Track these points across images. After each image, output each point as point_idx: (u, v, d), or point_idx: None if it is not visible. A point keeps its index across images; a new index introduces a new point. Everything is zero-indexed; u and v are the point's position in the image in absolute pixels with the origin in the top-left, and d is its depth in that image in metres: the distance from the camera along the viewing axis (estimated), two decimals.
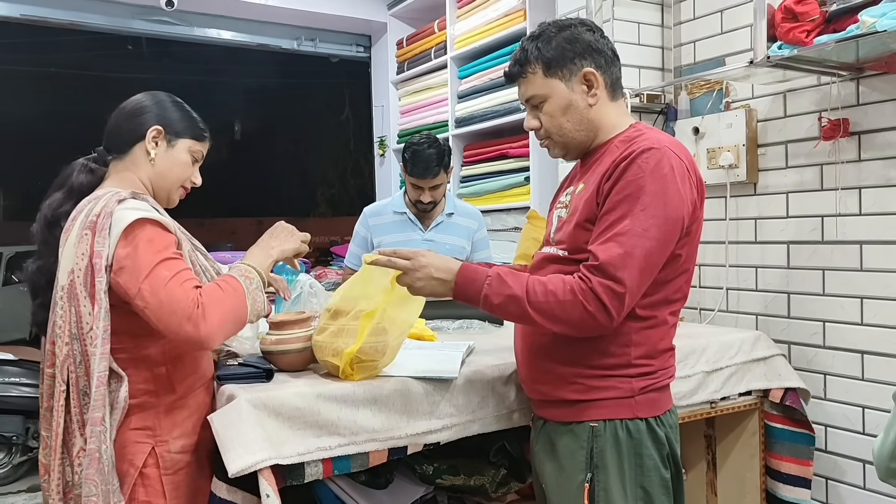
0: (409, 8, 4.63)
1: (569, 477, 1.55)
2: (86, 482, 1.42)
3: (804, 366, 2.42)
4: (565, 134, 1.60)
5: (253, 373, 1.67)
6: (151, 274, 1.43)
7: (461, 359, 1.80)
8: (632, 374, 1.53)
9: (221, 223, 16.31)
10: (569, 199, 1.64)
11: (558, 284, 1.46)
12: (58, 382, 1.50)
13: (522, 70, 1.60)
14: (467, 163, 4.08)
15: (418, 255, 1.55)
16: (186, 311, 1.41)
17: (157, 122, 1.64)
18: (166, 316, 1.42)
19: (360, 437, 1.58)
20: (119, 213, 1.48)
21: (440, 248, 2.80)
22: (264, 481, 1.43)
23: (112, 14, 4.32)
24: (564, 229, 1.60)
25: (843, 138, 2.27)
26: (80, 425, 1.48)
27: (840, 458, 2.36)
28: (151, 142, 1.63)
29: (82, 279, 1.47)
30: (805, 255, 2.42)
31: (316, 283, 1.95)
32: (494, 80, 3.78)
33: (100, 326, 1.45)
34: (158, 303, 1.42)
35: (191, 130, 1.69)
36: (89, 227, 1.48)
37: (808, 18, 2.04)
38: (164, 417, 1.57)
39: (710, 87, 2.70)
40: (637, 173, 1.45)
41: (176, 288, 1.43)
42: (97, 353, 1.45)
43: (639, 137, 1.53)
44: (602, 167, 1.53)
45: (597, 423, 1.53)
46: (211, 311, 1.44)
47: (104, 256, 1.45)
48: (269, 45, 4.89)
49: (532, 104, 1.62)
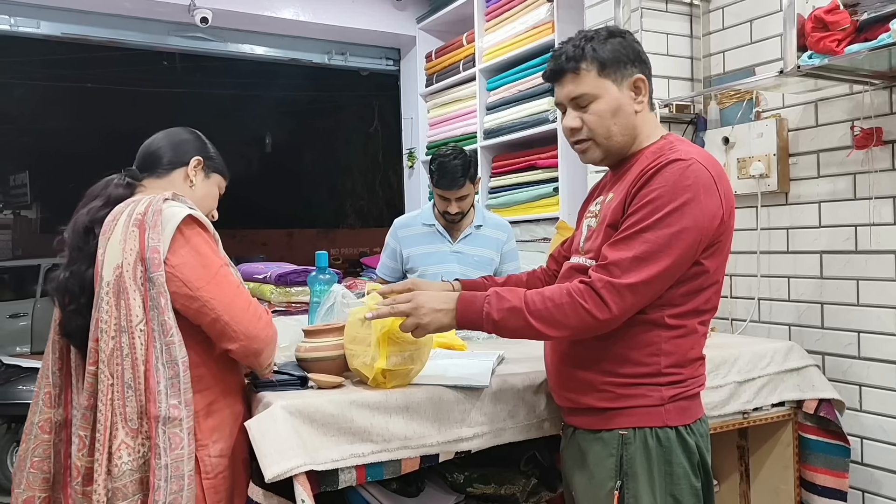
0: (437, 21, 4.68)
1: (598, 484, 1.55)
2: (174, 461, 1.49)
3: (839, 377, 2.39)
4: (611, 137, 1.59)
5: (287, 380, 1.70)
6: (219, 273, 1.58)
7: (492, 368, 1.81)
8: (662, 383, 1.53)
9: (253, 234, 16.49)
10: (598, 209, 1.65)
11: (555, 290, 1.48)
12: (105, 377, 1.52)
13: (577, 66, 1.57)
14: (496, 174, 4.10)
15: (415, 294, 1.56)
16: (258, 310, 1.61)
17: (198, 154, 1.77)
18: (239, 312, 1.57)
19: (393, 445, 1.60)
20: (169, 210, 1.56)
21: (468, 260, 2.83)
22: (299, 487, 1.45)
23: (149, 31, 4.44)
24: (594, 238, 1.61)
25: (877, 147, 2.25)
26: (123, 419, 1.51)
27: (877, 470, 2.32)
28: (193, 170, 1.76)
29: (131, 273, 1.52)
30: (839, 265, 2.40)
31: (349, 293, 1.98)
32: (523, 92, 3.80)
33: (170, 317, 1.52)
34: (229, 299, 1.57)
35: (222, 168, 1.85)
36: (137, 225, 1.54)
37: (839, 28, 2.03)
38: (203, 421, 1.60)
39: (740, 97, 2.70)
40: (660, 183, 1.46)
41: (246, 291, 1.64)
42: (175, 341, 1.52)
43: (669, 149, 1.54)
44: (631, 176, 1.55)
45: (626, 431, 1.53)
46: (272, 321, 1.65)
47: (160, 251, 1.52)
48: (300, 60, 4.98)
49: (578, 103, 1.59)
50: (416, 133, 4.94)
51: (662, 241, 1.43)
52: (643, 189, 1.48)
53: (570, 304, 1.45)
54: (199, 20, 4.14)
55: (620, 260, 1.44)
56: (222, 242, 1.72)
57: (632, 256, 1.43)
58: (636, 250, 1.43)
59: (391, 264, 2.96)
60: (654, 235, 1.43)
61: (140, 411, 1.51)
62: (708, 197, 1.47)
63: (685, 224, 1.44)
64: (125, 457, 1.49)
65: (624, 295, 1.43)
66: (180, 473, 1.49)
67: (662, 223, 1.43)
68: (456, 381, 1.71)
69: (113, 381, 1.52)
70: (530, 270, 2.00)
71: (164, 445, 1.48)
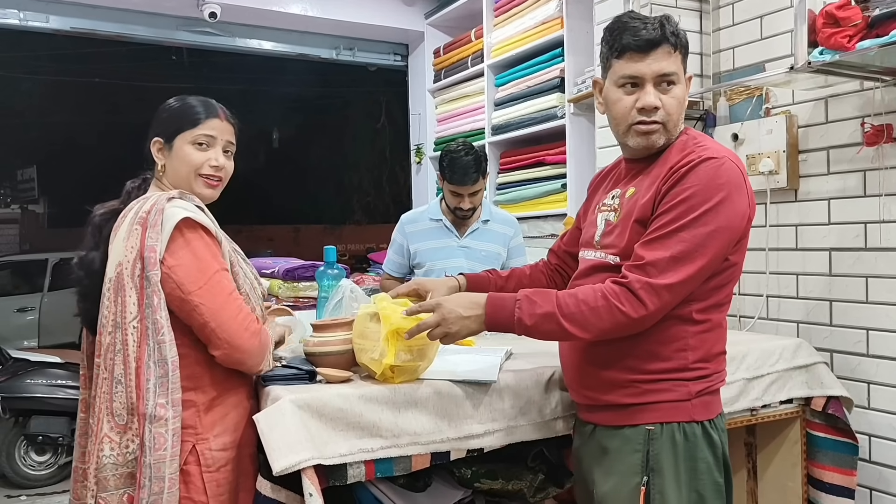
0: (446, 17, 4.68)
1: (623, 481, 1.53)
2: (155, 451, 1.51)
3: (847, 374, 2.39)
4: (677, 126, 1.57)
5: (296, 374, 1.70)
6: (212, 279, 1.58)
7: (500, 363, 1.81)
8: (689, 378, 1.52)
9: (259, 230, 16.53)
10: (616, 202, 1.63)
11: (588, 293, 1.47)
12: (101, 370, 1.57)
13: (676, 43, 1.52)
14: (504, 170, 4.10)
15: (440, 303, 1.54)
16: (246, 320, 1.60)
17: (155, 136, 1.72)
18: (226, 319, 1.57)
19: (403, 440, 1.60)
20: (170, 210, 1.57)
21: (476, 255, 2.83)
22: (307, 480, 1.45)
23: (157, 26, 4.45)
24: (615, 233, 1.59)
25: (887, 144, 2.23)
26: (110, 413, 1.55)
27: (885, 468, 2.31)
28: (158, 154, 1.72)
29: (130, 271, 1.55)
30: (848, 263, 2.39)
31: (357, 289, 1.98)
32: (531, 88, 3.80)
33: (163, 316, 1.54)
34: (219, 306, 1.57)
35: (180, 123, 1.71)
36: (140, 223, 1.56)
37: (850, 23, 2.02)
38: (205, 415, 1.62)
39: (750, 93, 2.69)
40: (694, 182, 1.45)
41: (238, 299, 1.63)
42: (166, 340, 1.53)
43: (696, 145, 1.53)
44: (659, 171, 1.53)
45: (653, 427, 1.52)
46: (263, 336, 1.64)
47: (157, 250, 1.53)
48: (308, 55, 4.98)
49: (666, 81, 1.53)
50: (424, 129, 4.94)
51: (698, 240, 1.43)
52: (676, 187, 1.47)
53: (606, 307, 1.44)
54: (207, 15, 4.15)
55: (658, 260, 1.43)
56: (229, 237, 1.73)
57: (669, 256, 1.43)
58: (673, 250, 1.43)
59: (398, 260, 2.96)
60: (690, 235, 1.43)
61: (130, 407, 1.54)
62: (739, 196, 1.48)
63: (720, 223, 1.44)
64: (106, 450, 1.54)
65: (662, 295, 1.43)
66: (161, 475, 1.51)
67: (698, 222, 1.44)
68: (464, 376, 1.71)
69: (106, 375, 1.56)
70: (532, 264, 2.00)
71: (149, 444, 1.51)
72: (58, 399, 4.70)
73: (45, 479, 4.83)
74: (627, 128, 1.57)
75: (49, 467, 4.84)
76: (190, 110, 1.71)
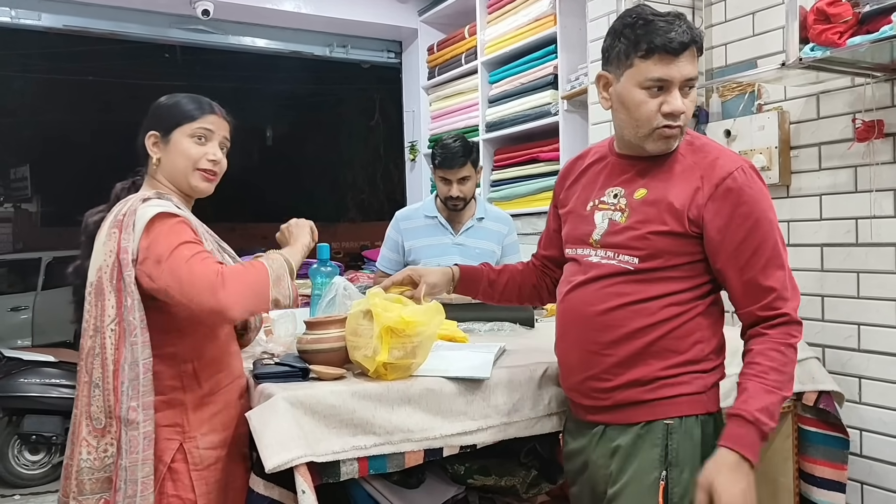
0: (439, 14, 4.67)
1: (640, 476, 1.51)
2: (130, 453, 1.50)
3: (839, 369, 2.40)
4: (686, 127, 1.56)
5: (289, 371, 1.70)
6: (172, 255, 1.50)
7: (493, 360, 1.81)
8: (706, 370, 1.54)
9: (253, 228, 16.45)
10: (623, 203, 1.57)
11: (772, 353, 1.48)
12: (82, 374, 1.57)
13: (700, 45, 1.50)
14: (498, 167, 4.10)
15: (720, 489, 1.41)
16: (206, 280, 1.47)
17: (150, 129, 1.70)
18: (187, 287, 1.48)
19: (396, 437, 1.60)
20: (142, 211, 1.55)
21: (470, 252, 2.83)
22: (300, 478, 1.45)
23: (150, 23, 4.44)
24: (626, 235, 1.54)
25: (878, 140, 2.25)
26: (88, 417, 1.55)
27: (876, 462, 2.33)
28: (153, 148, 1.69)
29: (108, 275, 1.54)
30: (839, 258, 2.40)
31: (350, 286, 1.98)
32: (525, 85, 3.80)
33: (136, 317, 1.52)
34: (178, 278, 1.48)
35: (178, 117, 1.69)
36: (116, 226, 1.56)
37: (841, 20, 2.02)
38: (192, 414, 1.62)
39: (742, 90, 2.69)
40: (749, 197, 1.50)
41: (197, 263, 1.50)
42: (139, 342, 1.52)
43: (706, 148, 1.56)
44: (674, 174, 1.53)
45: (672, 421, 1.51)
46: (231, 281, 1.50)
47: (130, 251, 1.53)
48: (301, 52, 4.97)
49: (689, 85, 1.50)
50: (418, 126, 4.94)
51: (781, 247, 1.53)
52: (736, 208, 1.49)
53: (791, 352, 1.49)
54: (200, 12, 4.15)
55: (782, 286, 1.50)
56: (221, 236, 1.73)
57: (782, 275, 1.51)
58: (779, 267, 1.51)
59: (392, 256, 2.96)
60: (776, 247, 1.52)
61: (108, 410, 1.54)
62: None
63: (777, 224, 1.54)
64: (84, 454, 1.54)
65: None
66: (135, 478, 1.51)
67: (772, 234, 1.51)
68: (457, 373, 1.71)
69: (87, 379, 1.56)
70: (525, 262, 2.00)
71: (126, 447, 1.51)
72: (51, 398, 4.70)
73: (38, 478, 4.82)
74: (651, 131, 1.51)
75: (42, 466, 4.83)
76: (188, 104, 1.71)
